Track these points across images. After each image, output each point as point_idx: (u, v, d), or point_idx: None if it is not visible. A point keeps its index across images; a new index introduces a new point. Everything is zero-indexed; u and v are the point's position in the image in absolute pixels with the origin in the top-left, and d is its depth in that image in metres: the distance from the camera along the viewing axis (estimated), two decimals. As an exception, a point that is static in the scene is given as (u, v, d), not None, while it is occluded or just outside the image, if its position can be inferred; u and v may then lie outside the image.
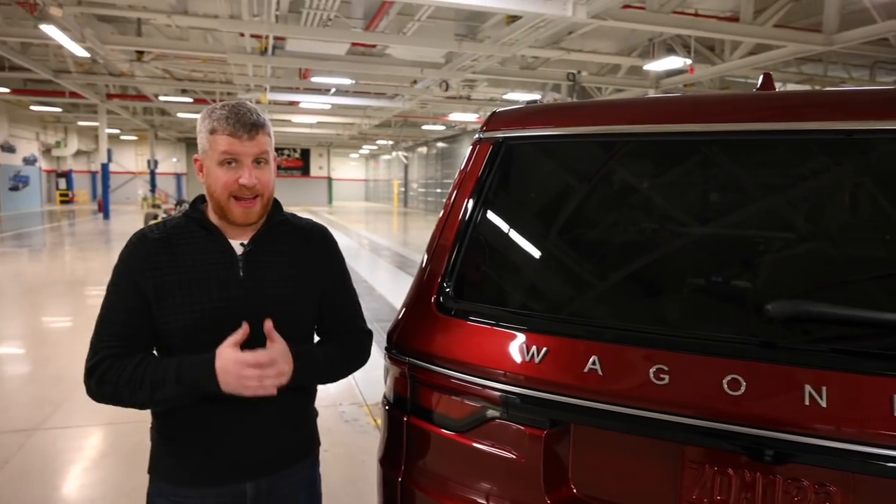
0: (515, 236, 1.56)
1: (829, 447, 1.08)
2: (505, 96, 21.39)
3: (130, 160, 40.01)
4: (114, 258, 1.48)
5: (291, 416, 1.55)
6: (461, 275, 1.50)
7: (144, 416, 1.52)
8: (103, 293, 1.46)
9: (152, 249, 1.43)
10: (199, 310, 1.40)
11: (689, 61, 13.40)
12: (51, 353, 6.03)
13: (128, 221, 23.63)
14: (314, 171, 46.24)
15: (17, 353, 6.12)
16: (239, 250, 1.47)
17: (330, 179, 46.97)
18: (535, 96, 20.78)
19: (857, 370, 1.09)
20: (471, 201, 1.55)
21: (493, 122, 1.61)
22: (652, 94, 17.28)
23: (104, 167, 25.07)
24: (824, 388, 1.09)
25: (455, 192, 1.60)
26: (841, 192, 1.34)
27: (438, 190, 35.03)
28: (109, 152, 26.34)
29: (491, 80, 18.96)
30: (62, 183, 35.87)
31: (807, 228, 1.34)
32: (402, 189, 42.98)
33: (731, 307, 1.30)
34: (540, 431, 1.31)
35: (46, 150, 33.13)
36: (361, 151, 47.05)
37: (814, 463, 1.12)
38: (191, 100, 22.91)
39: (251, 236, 1.49)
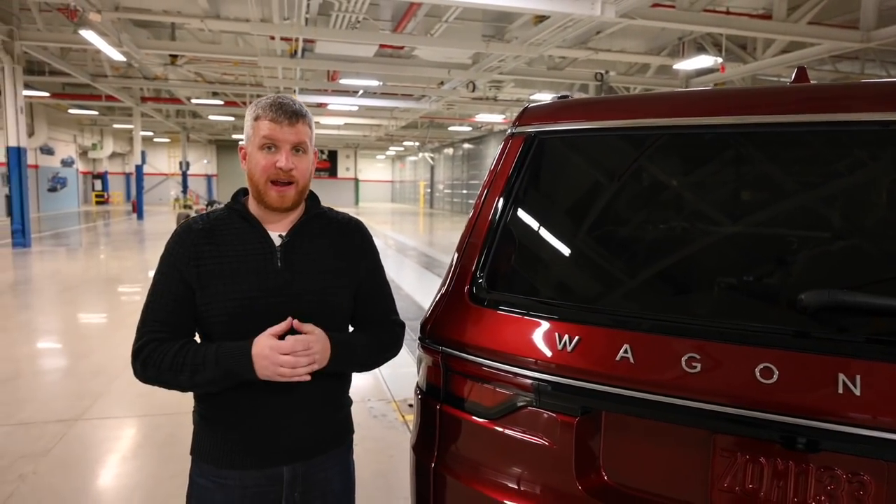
0: (547, 229, 1.58)
1: (862, 435, 1.08)
2: (532, 97, 21.32)
3: (163, 162, 40.94)
4: (148, 257, 1.56)
5: (328, 404, 1.59)
6: (494, 265, 1.54)
7: (178, 408, 1.58)
8: (138, 291, 1.53)
9: (196, 240, 1.49)
10: (239, 298, 1.45)
11: (719, 60, 13.19)
12: (89, 348, 6.23)
13: (161, 221, 24.18)
14: (341, 172, 46.70)
15: (57, 348, 6.33)
16: (277, 241, 1.52)
17: (357, 180, 47.38)
18: (562, 97, 20.68)
19: (891, 359, 1.09)
20: (503, 194, 1.58)
21: (526, 116, 1.64)
22: (681, 93, 17.05)
23: (138, 169, 25.73)
24: (858, 377, 1.09)
25: (488, 185, 1.64)
26: (875, 183, 1.33)
27: (464, 191, 35.07)
28: (143, 154, 27.01)
29: (518, 80, 18.95)
30: (98, 184, 36.96)
31: (840, 220, 1.34)
32: (429, 190, 43.11)
33: (765, 297, 1.31)
34: (571, 419, 1.33)
35: (83, 153, 34.14)
36: (388, 153, 47.39)
37: (847, 451, 1.13)
38: (222, 102, 23.38)
39: (290, 228, 1.54)
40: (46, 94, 20.96)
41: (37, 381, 5.24)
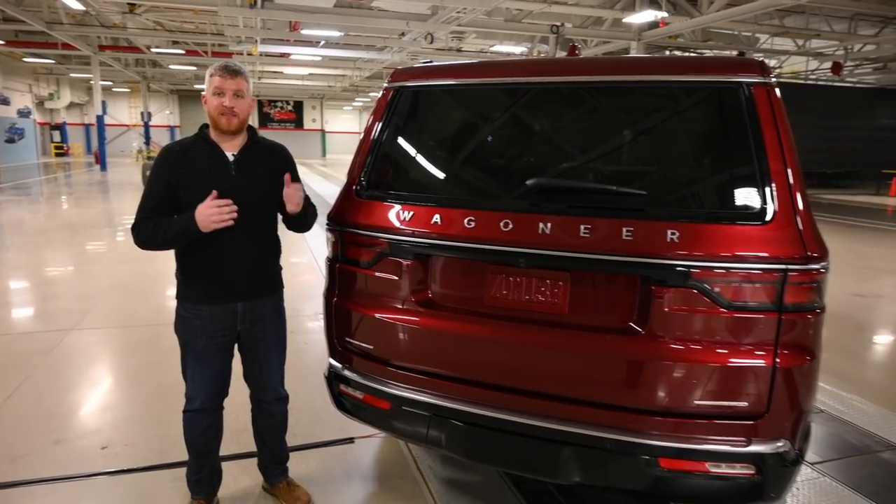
0: (402, 148, 2.43)
1: (552, 255, 1.98)
2: (493, 48, 21.79)
3: (124, 112, 40.19)
4: (120, 204, 2.37)
5: (265, 265, 2.44)
6: (371, 173, 2.38)
7: (156, 321, 2.41)
8: (110, 234, 2.35)
9: (176, 157, 2.29)
10: (207, 196, 2.26)
11: (662, 15, 13.95)
12: (72, 279, 6.96)
13: (126, 172, 24.29)
14: (307, 123, 46.30)
15: (43, 280, 7.02)
16: (231, 159, 2.33)
17: (324, 132, 47.11)
18: (521, 49, 21.28)
19: (566, 213, 1.98)
20: (378, 126, 2.41)
21: (394, 75, 2.47)
22: (634, 46, 17.84)
23: (99, 119, 25.46)
24: (549, 224, 1.98)
25: (369, 120, 2.47)
26: (580, 120, 2.21)
27: (430, 142, 35.44)
28: (104, 104, 26.66)
29: (479, 32, 19.37)
30: (56, 135, 36.20)
31: (557, 141, 2.22)
32: (395, 142, 43.24)
33: (510, 183, 2.19)
34: (409, 261, 2.22)
35: (39, 103, 33.37)
36: (355, 104, 47.10)
37: (547, 266, 2.03)
38: (182, 52, 23.23)
39: (238, 150, 2.35)
40: (0, 42, 20.61)
41: (30, 304, 5.99)
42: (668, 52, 20.02)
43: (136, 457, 3.06)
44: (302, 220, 2.44)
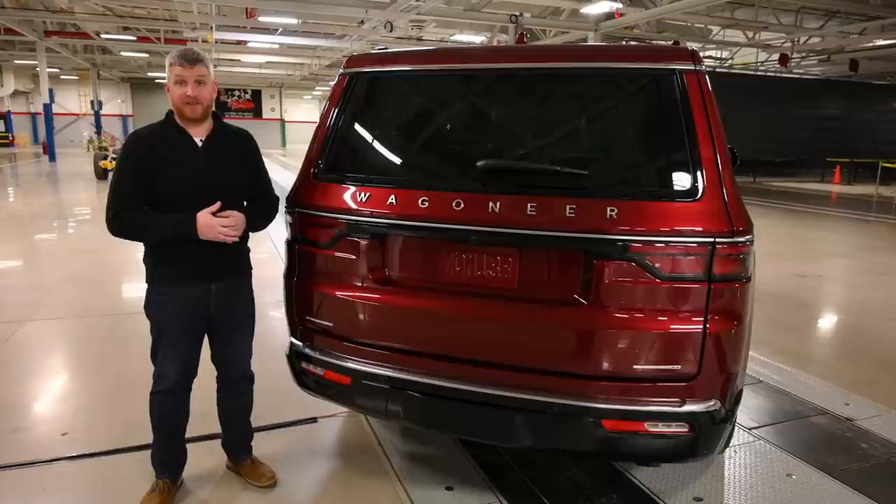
0: (358, 132, 2.51)
1: (502, 232, 2.10)
2: (453, 37, 21.82)
3: (73, 101, 38.73)
4: (73, 195, 2.37)
5: (234, 246, 2.48)
6: (328, 157, 2.46)
7: (115, 310, 2.42)
8: (63, 225, 2.35)
9: (147, 142, 2.32)
10: (179, 180, 2.31)
11: (617, 6, 14.24)
12: (25, 269, 6.78)
13: (77, 163, 23.47)
14: (266, 112, 45.53)
15: (-10, 272, 6.82)
16: (199, 144, 2.37)
17: (283, 121, 46.39)
18: (481, 38, 21.39)
19: (515, 192, 2.10)
20: (335, 111, 2.48)
21: (349, 62, 2.54)
22: (591, 36, 18.13)
23: (47, 108, 24.51)
24: (499, 203, 2.09)
25: (326, 105, 2.53)
26: (530, 105, 2.34)
27: (392, 132, 35.26)
28: (51, 92, 25.63)
29: (439, 21, 19.37)
30: (0, 125, 34.73)
31: (506, 122, 2.34)
32: (357, 131, 42.83)
33: (463, 165, 2.31)
34: (366, 241, 2.31)
35: (-19, 91, 31.92)
36: (315, 93, 46.44)
37: (497, 244, 2.15)
38: (134, 38, 22.52)
39: (206, 135, 2.39)
40: (-63, 26, 19.62)
41: (-21, 297, 5.81)
42: (624, 43, 20.43)
43: (98, 442, 3.07)
44: (253, 221, 2.47)
